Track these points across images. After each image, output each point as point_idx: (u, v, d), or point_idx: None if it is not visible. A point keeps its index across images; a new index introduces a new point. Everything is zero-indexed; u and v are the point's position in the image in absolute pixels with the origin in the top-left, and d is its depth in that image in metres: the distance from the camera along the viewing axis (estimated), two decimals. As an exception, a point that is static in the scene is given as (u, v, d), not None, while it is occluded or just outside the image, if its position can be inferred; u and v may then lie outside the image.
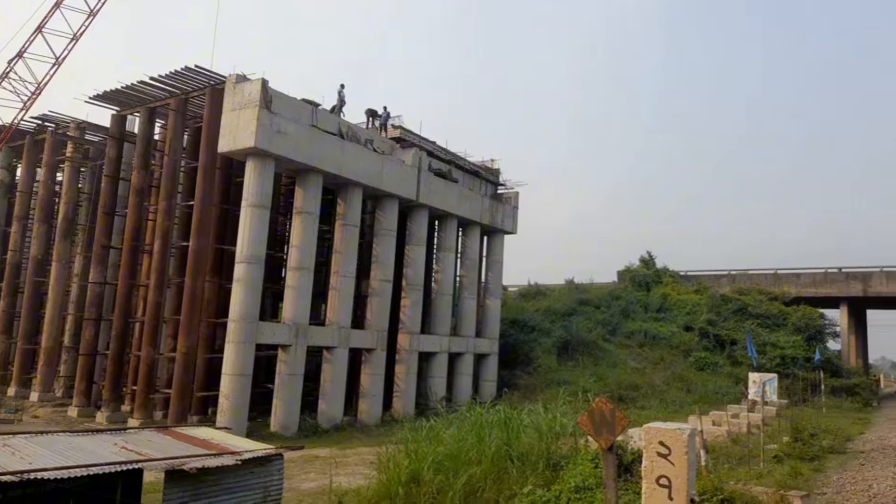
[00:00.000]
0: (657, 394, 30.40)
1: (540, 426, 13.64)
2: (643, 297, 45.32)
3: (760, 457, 15.39)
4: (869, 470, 14.39)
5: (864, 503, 10.86)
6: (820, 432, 19.59)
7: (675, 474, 4.53)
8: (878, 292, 44.61)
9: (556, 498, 9.91)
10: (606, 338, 38.78)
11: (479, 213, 33.73)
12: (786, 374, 35.00)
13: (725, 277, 49.88)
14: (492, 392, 31.88)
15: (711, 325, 40.26)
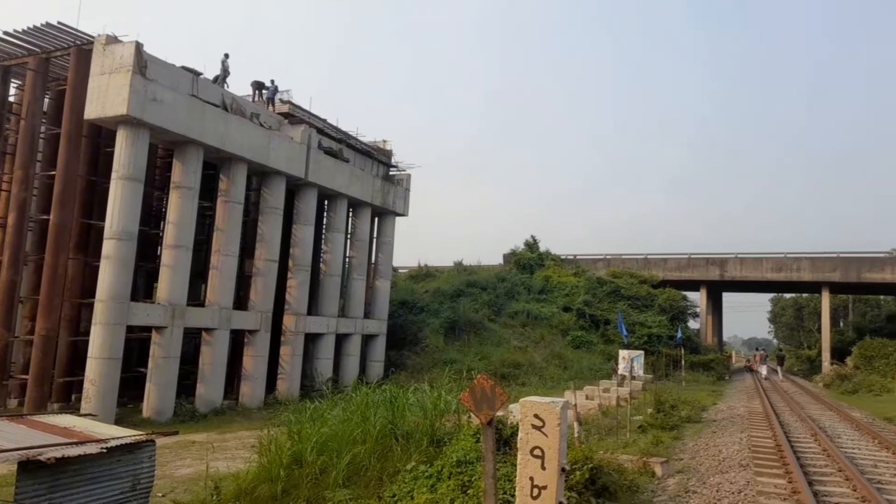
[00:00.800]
0: (537, 371, 31.76)
1: (425, 404, 13.88)
2: (527, 280, 47.04)
3: (627, 427, 16.50)
4: (720, 437, 15.83)
5: (715, 466, 11.94)
6: (679, 404, 21.30)
7: (548, 445, 4.77)
8: (733, 276, 48.92)
9: (437, 473, 10.14)
10: (492, 318, 39.91)
11: (371, 193, 33.47)
12: (652, 352, 37.70)
13: (602, 261, 52.75)
14: (379, 372, 31.98)
15: (588, 306, 42.49)
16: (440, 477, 10.08)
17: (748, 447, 13.50)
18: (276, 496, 10.70)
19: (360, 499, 10.11)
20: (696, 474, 11.49)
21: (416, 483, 10.25)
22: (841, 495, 9.33)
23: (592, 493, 9.31)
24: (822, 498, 9.00)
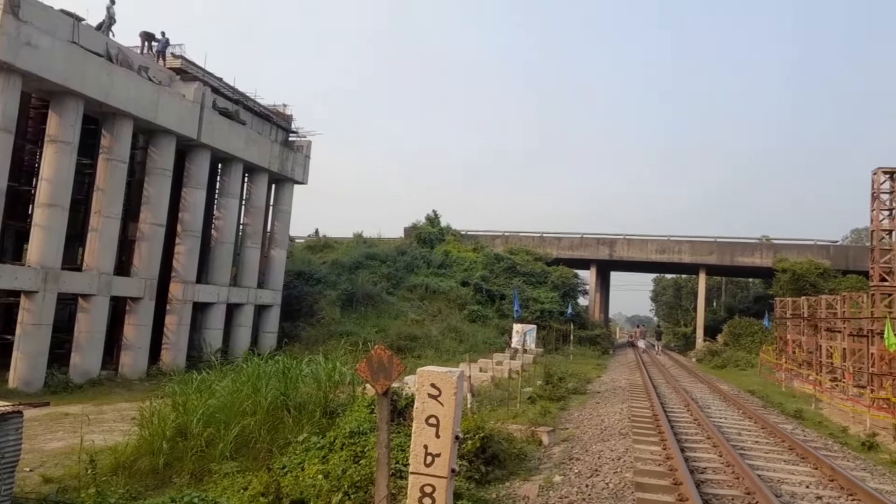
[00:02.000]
0: (433, 344, 32.13)
1: (319, 376, 13.69)
2: (427, 254, 47.31)
3: (518, 399, 17.06)
4: (603, 407, 16.71)
5: (597, 435, 12.59)
6: (567, 376, 22.28)
7: (443, 414, 4.78)
8: (621, 256, 51.51)
9: (330, 444, 10.05)
10: (390, 291, 39.88)
11: (268, 159, 32.23)
12: (543, 326, 39.16)
13: (500, 238, 53.91)
14: (273, 344, 31.18)
15: (485, 281, 43.38)
16: (332, 448, 9.99)
17: (628, 417, 14.32)
18: (158, 469, 10.23)
19: (248, 471, 9.83)
20: (580, 442, 12.05)
21: (307, 454, 10.11)
22: (709, 461, 10.10)
23: (483, 461, 9.55)
24: (692, 463, 9.70)
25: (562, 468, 10.01)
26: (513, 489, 8.84)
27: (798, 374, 26.74)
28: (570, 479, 9.20)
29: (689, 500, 7.21)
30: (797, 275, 42.11)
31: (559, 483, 9.03)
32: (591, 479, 9.02)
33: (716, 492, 8.13)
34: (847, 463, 10.88)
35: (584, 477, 9.17)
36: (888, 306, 19.67)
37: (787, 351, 30.95)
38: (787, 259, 44.96)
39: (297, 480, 8.79)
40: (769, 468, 9.82)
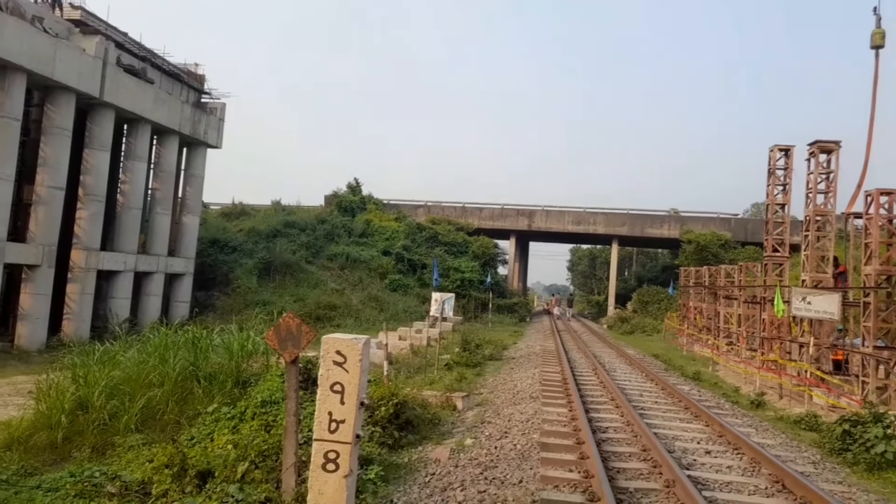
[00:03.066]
0: (354, 313, 32.02)
1: (231, 346, 13.43)
2: (348, 223, 46.80)
3: (435, 366, 17.33)
4: (516, 373, 17.23)
5: (510, 399, 12.99)
6: (484, 343, 22.79)
7: (348, 381, 4.81)
8: (539, 227, 52.74)
9: (241, 413, 9.91)
10: (310, 260, 39.29)
11: (179, 121, 30.75)
12: (464, 295, 39.74)
13: (422, 208, 53.96)
14: (185, 314, 30.19)
15: (407, 251, 43.44)
16: (243, 418, 9.86)
17: (539, 381, 14.84)
18: (57, 444, 9.81)
19: (154, 443, 9.57)
20: (493, 406, 12.41)
21: (217, 425, 9.94)
22: (611, 420, 10.64)
23: (396, 427, 9.67)
24: (596, 423, 10.20)
25: (474, 431, 10.28)
26: (425, 453, 9.01)
27: (698, 339, 28.43)
28: (480, 441, 9.47)
29: (589, 458, 7.59)
30: (701, 246, 44.48)
31: (470, 446, 9.29)
32: (501, 440, 9.32)
33: (615, 449, 8.60)
34: (736, 420, 11.72)
35: (494, 439, 9.46)
36: (779, 275, 21.11)
37: (689, 317, 32.79)
38: (692, 231, 47.37)
39: (206, 451, 8.63)
40: (665, 426, 10.46)
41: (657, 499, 6.66)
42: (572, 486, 6.88)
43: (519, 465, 7.95)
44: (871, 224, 15.75)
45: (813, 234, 19.08)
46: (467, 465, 8.17)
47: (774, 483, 7.37)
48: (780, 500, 6.86)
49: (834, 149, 19.15)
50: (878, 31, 20.08)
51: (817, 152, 19.17)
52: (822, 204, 19.34)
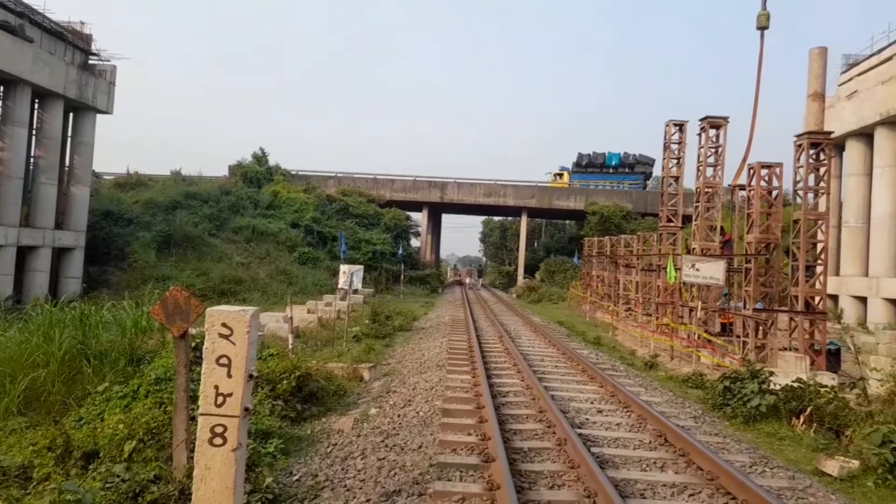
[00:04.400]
0: (260, 287, 31.22)
1: (124, 322, 12.84)
2: (254, 194, 45.34)
3: (344, 338, 17.24)
4: (425, 342, 17.42)
5: (416, 368, 13.13)
6: (394, 315, 22.87)
7: (235, 353, 4.69)
8: (451, 199, 53.11)
9: (133, 392, 9.52)
10: (213, 233, 37.84)
11: (63, 84, 28.55)
12: (375, 267, 39.61)
13: (332, 179, 53.02)
14: (76, 290, 28.44)
15: (316, 223, 42.67)
16: (136, 396, 9.49)
17: (446, 350, 15.07)
18: (-80, 433, 9.06)
19: (39, 426, 9.04)
20: (399, 376, 12.51)
21: (108, 404, 9.52)
22: (511, 385, 10.98)
23: (299, 400, 9.59)
24: (497, 388, 10.50)
25: (378, 401, 10.34)
26: (329, 424, 8.99)
27: (600, 306, 29.72)
28: (384, 410, 9.55)
29: (487, 422, 7.81)
30: (604, 217, 46.29)
31: (374, 415, 9.35)
32: (404, 409, 9.43)
33: (513, 412, 8.90)
34: (628, 381, 12.39)
35: (398, 408, 9.56)
36: (672, 244, 22.33)
37: (591, 286, 34.18)
38: (596, 203, 49.14)
39: (95, 432, 8.26)
40: (563, 389, 10.91)
41: (548, 457, 6.96)
42: (469, 449, 7.07)
43: (420, 431, 8.07)
44: (753, 195, 16.88)
45: (703, 204, 20.24)
46: (370, 434, 8.22)
47: (658, 437, 7.87)
48: (661, 452, 7.33)
49: (722, 124, 20.28)
50: (763, 13, 21.29)
51: (707, 127, 20.25)
52: (711, 176, 20.52)
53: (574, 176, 55.66)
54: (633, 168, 56.08)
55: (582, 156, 57.79)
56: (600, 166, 56.69)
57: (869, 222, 26.54)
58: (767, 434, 9.31)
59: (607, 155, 56.74)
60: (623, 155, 56.45)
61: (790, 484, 6.64)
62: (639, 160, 56.43)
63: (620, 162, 56.25)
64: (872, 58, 30.02)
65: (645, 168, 56.42)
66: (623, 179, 55.47)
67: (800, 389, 10.40)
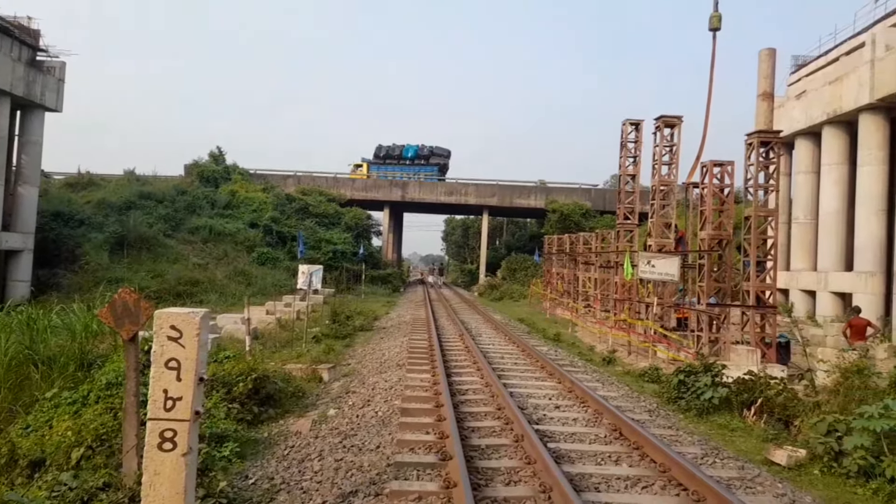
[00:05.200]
0: (218, 288, 30.67)
1: (74, 326, 12.49)
2: (211, 194, 44.54)
3: (303, 339, 17.06)
4: (385, 342, 17.36)
5: (376, 368, 13.08)
6: (355, 315, 22.70)
7: (185, 356, 4.60)
8: (413, 198, 53.03)
9: (83, 397, 9.26)
10: (169, 233, 37.02)
11: (10, 80, 27.53)
12: (336, 267, 39.30)
13: (292, 178, 52.43)
14: (24, 294, 27.47)
15: (275, 223, 42.12)
16: (86, 402, 9.23)
17: (407, 349, 15.05)
18: None
19: (-19, 436, 8.71)
20: (359, 376, 12.44)
21: (57, 411, 9.25)
22: (471, 383, 11.03)
23: (256, 402, 9.44)
24: (456, 386, 10.53)
25: (337, 402, 10.27)
26: (286, 426, 8.90)
27: (560, 303, 30.06)
28: (343, 411, 9.49)
29: (445, 421, 7.83)
30: (564, 215, 46.82)
31: (333, 416, 9.28)
32: (363, 409, 9.38)
33: (472, 410, 8.94)
34: (586, 376, 12.57)
35: (357, 408, 9.51)
36: (629, 241, 22.73)
37: (552, 283, 34.54)
38: (556, 201, 49.67)
39: (43, 440, 8.01)
40: (521, 385, 11.01)
41: (506, 453, 7.01)
42: (427, 448, 7.07)
43: (378, 431, 8.05)
44: (706, 193, 17.28)
45: (658, 202, 20.64)
46: (328, 435, 8.16)
47: (613, 431, 8.00)
48: (616, 446, 7.46)
49: (677, 123, 20.71)
50: (715, 15, 21.78)
51: (662, 126, 20.66)
52: (666, 175, 20.94)
53: (373, 167, 56.69)
54: (428, 159, 57.98)
55: (381, 147, 58.98)
56: (398, 158, 58.06)
57: (817, 219, 27.44)
58: (720, 426, 9.54)
59: (405, 147, 58.28)
60: (419, 147, 58.26)
61: (739, 474, 6.82)
62: (434, 152, 58.44)
63: (416, 154, 57.92)
64: (820, 59, 31.05)
65: (439, 160, 58.30)
66: (419, 171, 57.07)
67: (751, 382, 10.70)
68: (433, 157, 58.15)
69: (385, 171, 56.44)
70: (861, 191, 24.42)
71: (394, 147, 58.49)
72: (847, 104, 24.79)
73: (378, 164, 57.50)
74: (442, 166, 58.43)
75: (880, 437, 7.15)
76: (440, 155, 58.47)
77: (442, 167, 58.45)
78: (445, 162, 59.03)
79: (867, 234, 23.90)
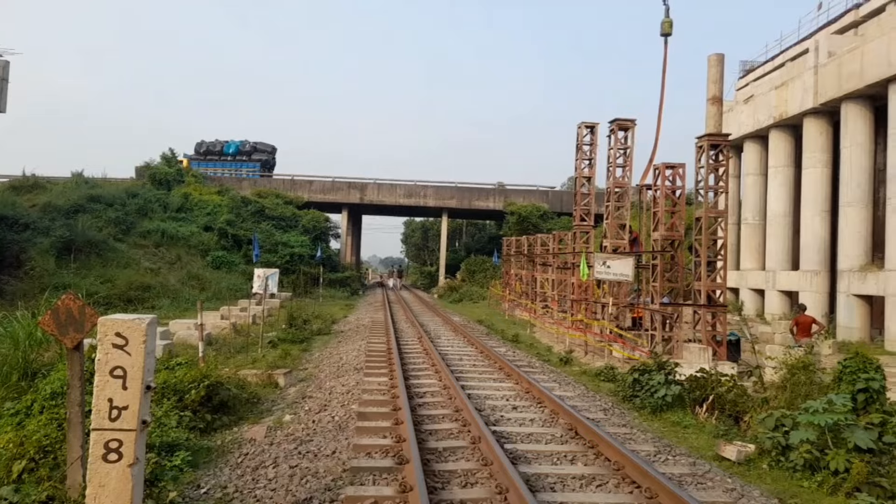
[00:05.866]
0: (171, 293, 29.92)
1: (16, 334, 12.00)
2: (163, 196, 43.49)
3: (259, 344, 16.77)
4: (343, 346, 17.21)
5: (334, 372, 12.95)
6: (313, 318, 22.46)
7: (131, 364, 4.46)
8: (371, 200, 52.76)
9: (27, 408, 8.90)
10: (119, 237, 35.95)
11: (-55, 78, 26.38)
12: (293, 270, 38.83)
13: (247, 180, 51.61)
14: (-36, 301, 26.31)
15: (231, 226, 41.35)
16: (30, 413, 8.88)
17: (365, 353, 14.95)
18: None
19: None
20: (316, 381, 12.30)
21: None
22: (429, 386, 11.01)
23: (209, 410, 9.24)
24: (414, 389, 10.50)
25: (294, 407, 10.13)
26: (241, 433, 8.72)
27: (519, 304, 30.29)
28: (299, 416, 9.36)
29: (402, 424, 7.79)
30: (522, 217, 47.23)
31: (288, 422, 9.14)
32: (320, 414, 9.27)
33: (430, 413, 8.92)
34: (543, 377, 12.68)
35: (313, 413, 9.39)
36: (585, 242, 23.05)
37: (510, 284, 34.80)
38: (514, 203, 50.07)
39: (-18, 454, 7.67)
40: (479, 387, 11.05)
41: (463, 455, 7.01)
42: (384, 452, 7.02)
43: (335, 436, 7.96)
44: (659, 194, 17.65)
45: (613, 204, 20.98)
46: (283, 441, 8.03)
47: (569, 431, 8.09)
48: (572, 445, 7.54)
49: (630, 126, 21.10)
50: (666, 21, 22.26)
51: (616, 129, 21.01)
52: (620, 177, 21.30)
53: (193, 164, 54.80)
54: (250, 156, 56.66)
55: (202, 143, 57.54)
56: (219, 154, 56.63)
57: (765, 219, 28.31)
58: (673, 423, 9.74)
59: (227, 143, 56.91)
60: (241, 143, 56.86)
61: (691, 470, 6.97)
62: (257, 148, 57.10)
63: (238, 150, 56.52)
64: (766, 64, 32.09)
65: (262, 156, 56.92)
66: (241, 167, 55.95)
67: (703, 379, 10.96)
68: (256, 152, 56.15)
69: (205, 167, 54.26)
70: (806, 192, 25.31)
71: (215, 143, 56.49)
72: (792, 108, 25.67)
73: (199, 161, 55.26)
74: (265, 162, 56.36)
75: (824, 430, 7.39)
76: (264, 151, 56.44)
77: (265, 163, 56.41)
78: (269, 158, 56.90)
79: (812, 234, 24.79)
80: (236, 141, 56.16)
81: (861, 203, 22.44)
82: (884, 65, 20.71)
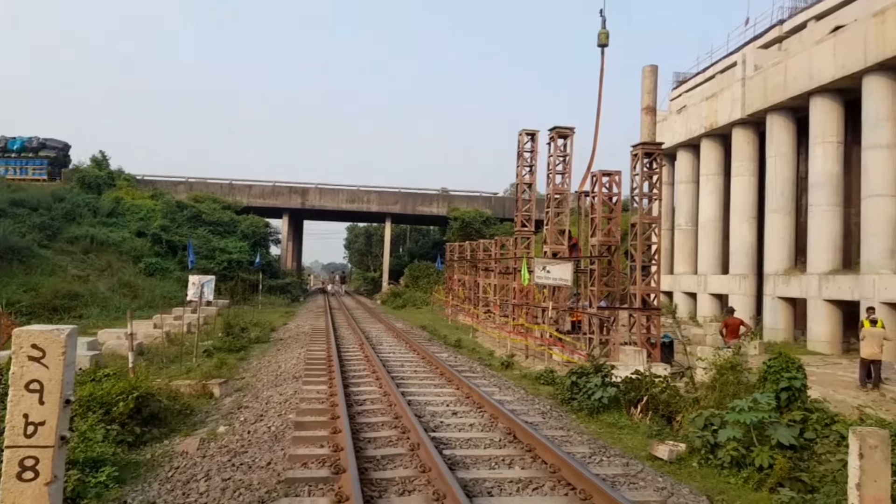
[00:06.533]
0: (100, 302, 28.70)
1: (-74, 347, 11.26)
2: (93, 201, 41.79)
3: (194, 353, 16.27)
4: (282, 354, 16.87)
5: (271, 381, 12.67)
6: (251, 326, 21.95)
7: (49, 377, 4.24)
8: (313, 205, 52.07)
9: (-64, 427, 8.34)
10: (44, 243, 34.26)
11: None
12: (231, 277, 37.87)
13: (183, 184, 50.13)
14: None
15: (165, 231, 40.04)
16: (-61, 431, 8.34)
17: (304, 361, 14.70)
18: None
19: None
20: (253, 390, 12.01)
21: None
22: (369, 393, 10.90)
23: (138, 423, 8.89)
24: (354, 397, 10.38)
25: (229, 418, 9.86)
26: (172, 446, 8.42)
27: (462, 309, 30.43)
28: (234, 427, 9.11)
29: (341, 433, 7.68)
30: (465, 222, 47.50)
31: (223, 433, 8.88)
32: (255, 424, 9.06)
33: (369, 420, 8.83)
34: (484, 381, 12.75)
35: (249, 424, 9.17)
36: (526, 247, 23.36)
37: (453, 289, 34.92)
38: (458, 209, 50.32)
39: None
40: (420, 393, 11.01)
41: (401, 463, 6.97)
42: (321, 462, 6.91)
43: (270, 447, 7.78)
44: (596, 201, 18.05)
45: (553, 210, 21.34)
46: (216, 453, 7.80)
47: (507, 435, 8.15)
48: (510, 449, 7.60)
49: (569, 134, 21.52)
50: (603, 32, 22.85)
51: (556, 137, 21.40)
52: (560, 183, 21.70)
53: None
54: (37, 153, 53.59)
55: None
56: (2, 150, 53.26)
57: (697, 225, 29.37)
58: (609, 424, 9.95)
59: (11, 139, 53.46)
60: (29, 139, 53.67)
61: (624, 470, 7.13)
62: (46, 145, 54.10)
63: (24, 146, 53.34)
64: (698, 76, 33.33)
65: (51, 153, 53.69)
66: (26, 164, 52.67)
67: (637, 381, 11.24)
68: (44, 149, 52.83)
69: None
70: (735, 200, 26.39)
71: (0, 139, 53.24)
72: (721, 119, 26.75)
73: None
74: (54, 159, 53.09)
75: (750, 428, 7.69)
76: (54, 148, 53.17)
77: (54, 160, 53.09)
78: (60, 155, 53.68)
79: (740, 239, 25.85)
80: (24, 137, 52.06)
81: (785, 210, 23.56)
82: (805, 78, 21.84)
